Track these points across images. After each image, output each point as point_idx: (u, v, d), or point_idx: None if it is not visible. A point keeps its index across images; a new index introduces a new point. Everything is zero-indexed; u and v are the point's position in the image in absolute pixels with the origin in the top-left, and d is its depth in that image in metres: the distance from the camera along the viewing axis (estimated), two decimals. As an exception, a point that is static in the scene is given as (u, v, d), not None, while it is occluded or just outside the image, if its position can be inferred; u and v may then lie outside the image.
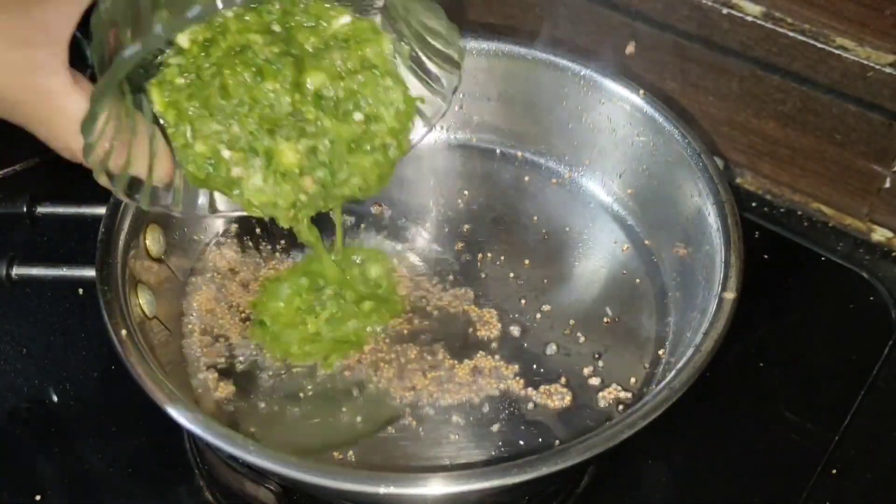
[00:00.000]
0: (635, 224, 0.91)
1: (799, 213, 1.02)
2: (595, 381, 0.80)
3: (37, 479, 0.80)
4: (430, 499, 0.64)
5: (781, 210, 1.03)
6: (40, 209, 0.82)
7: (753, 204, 1.03)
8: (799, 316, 0.93)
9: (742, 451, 0.83)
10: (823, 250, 0.98)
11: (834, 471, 0.81)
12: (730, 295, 0.74)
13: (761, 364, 0.88)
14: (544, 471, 0.63)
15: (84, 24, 1.16)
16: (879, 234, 0.99)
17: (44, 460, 0.81)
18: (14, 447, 0.82)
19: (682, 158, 0.84)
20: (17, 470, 0.81)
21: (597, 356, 0.82)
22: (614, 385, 0.79)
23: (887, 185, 0.95)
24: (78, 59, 1.09)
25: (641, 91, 0.88)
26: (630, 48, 0.89)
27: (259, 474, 0.73)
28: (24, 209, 0.81)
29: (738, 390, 0.87)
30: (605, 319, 0.84)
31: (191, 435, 0.80)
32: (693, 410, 0.85)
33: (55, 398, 0.85)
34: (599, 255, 0.89)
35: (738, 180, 1.05)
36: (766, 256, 0.97)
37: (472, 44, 0.93)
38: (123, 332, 0.70)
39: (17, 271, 0.77)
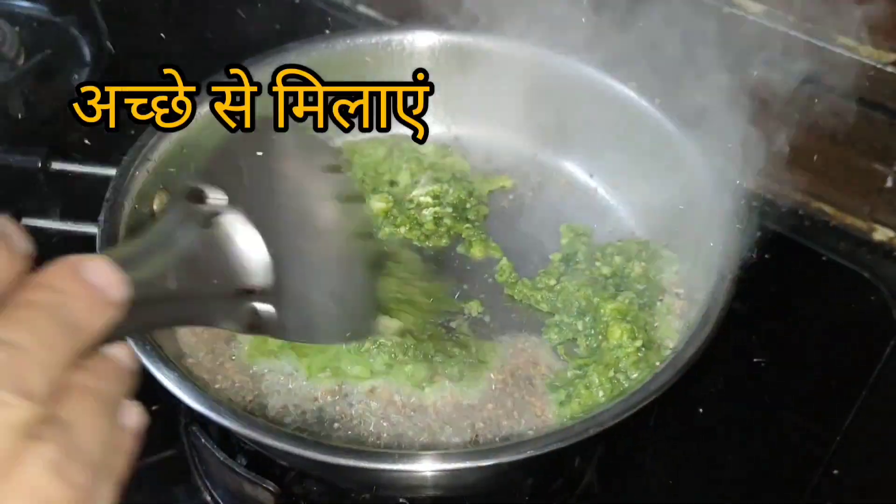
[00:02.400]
0: (636, 221, 0.91)
1: (800, 212, 1.02)
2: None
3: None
4: (423, 477, 0.65)
5: (783, 209, 1.02)
6: (55, 165, 0.82)
7: (754, 203, 1.03)
8: (800, 316, 0.92)
9: (743, 451, 0.82)
10: (825, 250, 0.98)
11: (836, 471, 0.80)
12: (724, 294, 0.73)
13: (762, 364, 0.88)
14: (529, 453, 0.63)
15: (84, 21, 1.15)
16: (881, 234, 0.99)
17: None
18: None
19: (683, 158, 0.84)
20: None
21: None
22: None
23: (889, 184, 0.95)
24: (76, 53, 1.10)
25: (633, 85, 0.87)
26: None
27: (257, 475, 0.73)
28: (39, 164, 0.82)
29: (739, 390, 0.86)
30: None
31: (189, 435, 0.80)
32: (693, 410, 0.85)
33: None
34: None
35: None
36: (767, 256, 0.97)
37: (477, 42, 0.93)
38: None
39: (24, 222, 0.77)
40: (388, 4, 1.22)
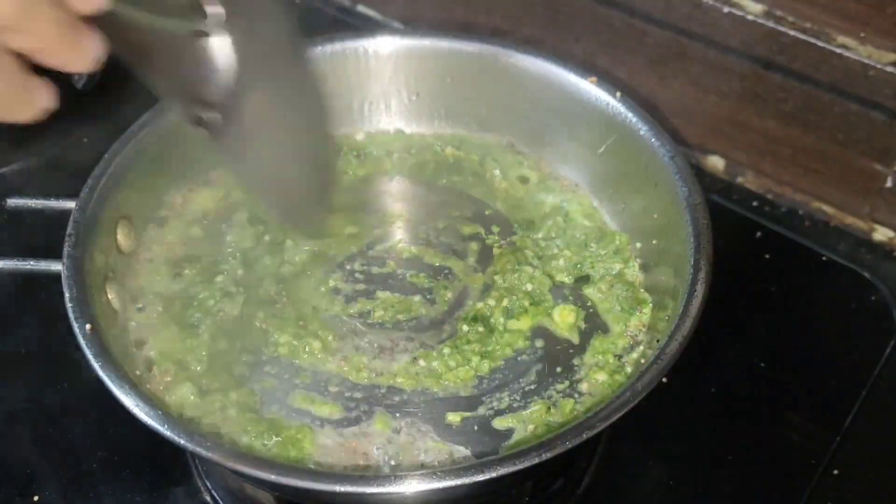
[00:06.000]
0: (615, 225, 0.90)
1: (800, 212, 1.02)
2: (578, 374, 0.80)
3: (34, 480, 0.80)
4: (410, 497, 0.64)
5: (783, 209, 1.02)
6: (10, 202, 0.81)
7: (755, 203, 1.03)
8: (800, 316, 0.92)
9: (743, 451, 0.82)
10: (825, 250, 0.98)
11: (836, 471, 0.80)
12: (696, 300, 0.72)
13: (762, 364, 0.88)
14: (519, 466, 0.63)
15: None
16: (881, 234, 0.99)
17: (41, 461, 0.81)
18: (12, 447, 0.82)
19: (656, 161, 0.83)
20: (14, 470, 0.81)
21: (571, 351, 0.81)
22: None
23: (889, 184, 0.95)
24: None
25: (618, 93, 0.87)
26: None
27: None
28: None
29: (739, 390, 0.86)
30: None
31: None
32: (693, 411, 0.85)
33: (53, 398, 0.85)
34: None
35: (740, 179, 1.05)
36: (767, 256, 0.97)
37: (450, 44, 0.93)
38: (88, 326, 0.70)
39: None
40: (388, 4, 1.22)
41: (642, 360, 0.76)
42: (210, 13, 0.57)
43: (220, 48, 0.58)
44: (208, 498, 0.79)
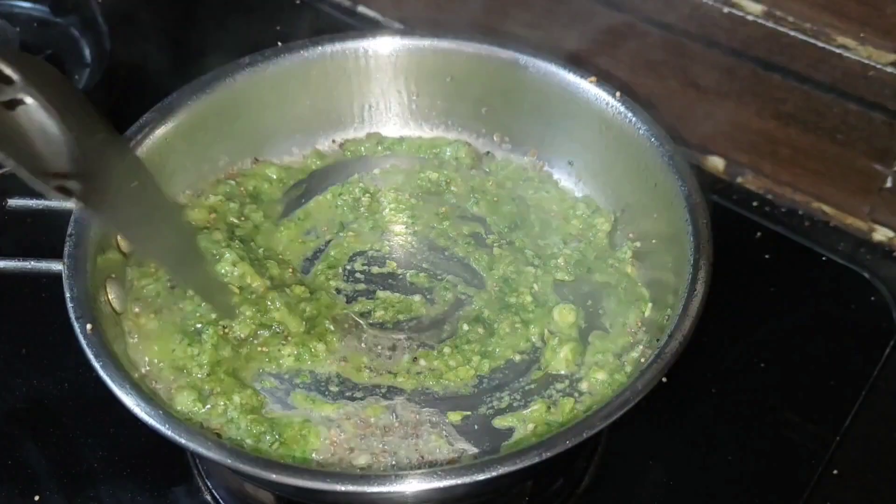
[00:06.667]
0: (617, 224, 0.90)
1: (800, 212, 1.02)
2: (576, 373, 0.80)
3: (35, 480, 0.80)
4: (410, 496, 0.64)
5: (783, 209, 1.03)
6: (11, 202, 0.81)
7: (755, 203, 1.03)
8: (799, 316, 0.92)
9: (743, 451, 0.82)
10: (824, 250, 0.98)
11: (835, 471, 0.80)
12: (696, 300, 0.72)
13: (762, 364, 0.88)
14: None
15: (85, 21, 1.15)
16: (881, 234, 0.99)
17: (42, 460, 0.81)
18: (12, 447, 0.82)
19: (656, 161, 0.83)
20: (15, 470, 0.81)
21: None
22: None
23: (888, 184, 0.95)
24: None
25: (618, 93, 0.87)
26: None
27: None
28: None
29: (739, 390, 0.86)
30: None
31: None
32: (693, 411, 0.85)
33: (53, 398, 0.85)
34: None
35: (740, 179, 1.05)
36: (766, 256, 0.97)
37: (451, 44, 0.93)
38: (89, 326, 0.70)
39: None
40: (388, 5, 1.22)
41: (642, 360, 0.76)
42: (7, 75, 0.59)
43: (37, 113, 0.60)
44: (209, 497, 0.80)
